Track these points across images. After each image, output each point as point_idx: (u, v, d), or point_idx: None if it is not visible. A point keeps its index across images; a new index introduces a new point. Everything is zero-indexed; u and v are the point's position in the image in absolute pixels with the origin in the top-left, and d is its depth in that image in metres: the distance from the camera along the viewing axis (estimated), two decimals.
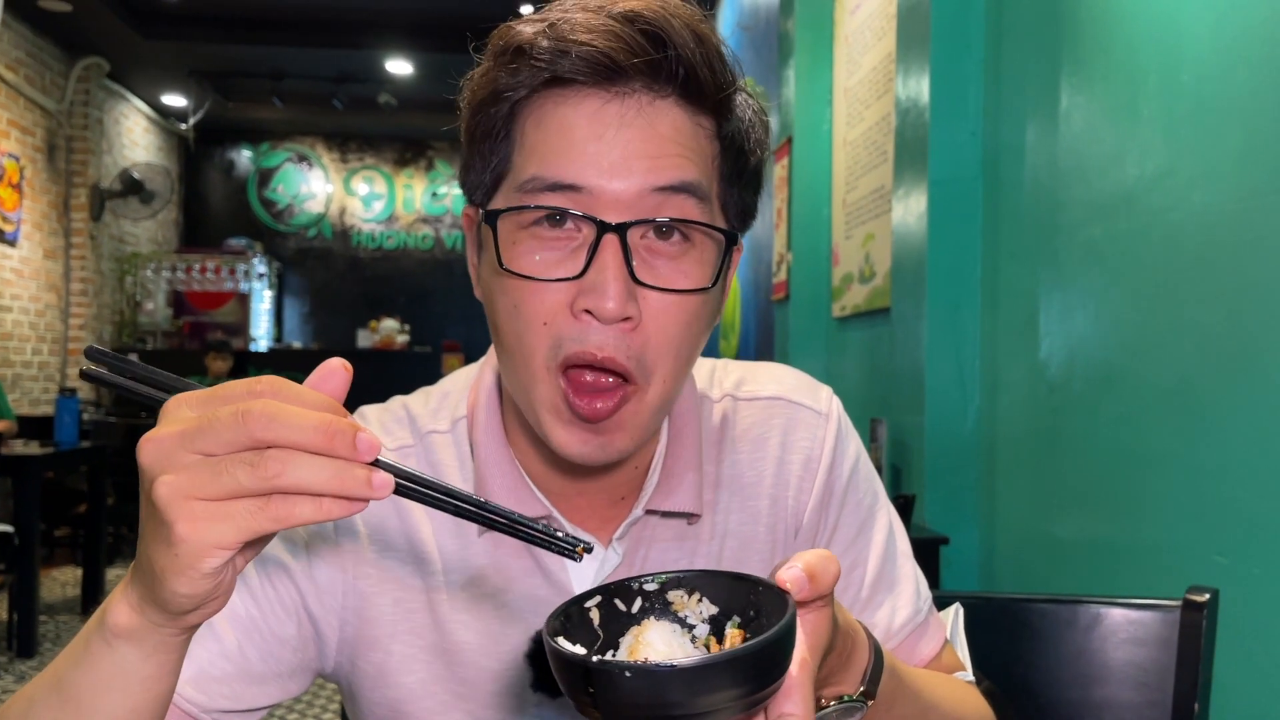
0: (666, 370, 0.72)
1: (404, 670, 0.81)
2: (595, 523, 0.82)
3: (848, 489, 0.87)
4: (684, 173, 0.70)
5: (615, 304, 0.67)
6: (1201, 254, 1.76)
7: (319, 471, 0.48)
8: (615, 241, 0.68)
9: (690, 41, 0.69)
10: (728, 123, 0.73)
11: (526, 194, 0.70)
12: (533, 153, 0.71)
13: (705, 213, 0.72)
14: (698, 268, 0.72)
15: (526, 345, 0.71)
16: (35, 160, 7.39)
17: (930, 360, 2.76)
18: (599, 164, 0.69)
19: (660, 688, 0.51)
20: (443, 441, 0.83)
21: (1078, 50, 2.23)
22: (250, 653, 0.78)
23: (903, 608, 0.87)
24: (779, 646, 0.53)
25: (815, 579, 0.58)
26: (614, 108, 0.69)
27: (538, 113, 0.71)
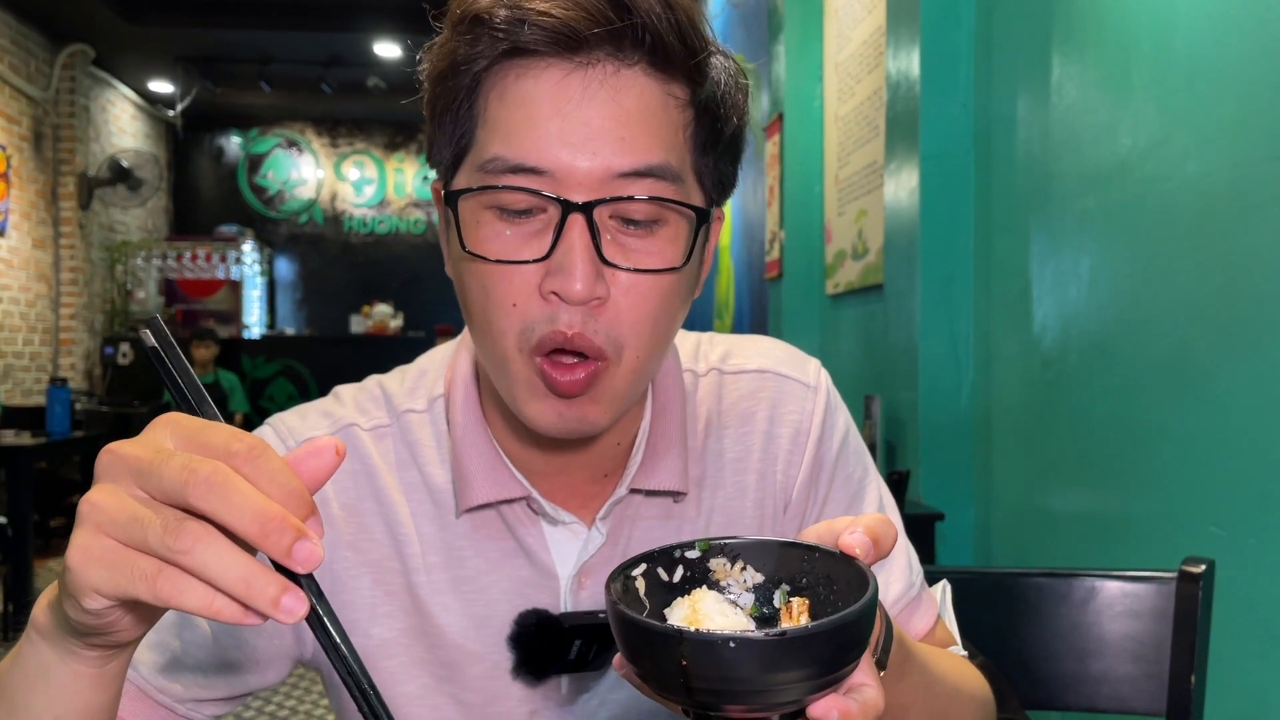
0: (640, 344, 0.70)
1: (384, 654, 0.80)
2: (577, 502, 0.81)
3: (837, 462, 0.86)
4: (650, 155, 0.67)
5: (582, 286, 0.65)
6: (1196, 224, 1.74)
7: (230, 567, 0.44)
8: (581, 221, 0.66)
9: (656, 6, 0.66)
10: (701, 89, 0.70)
11: (489, 174, 0.67)
12: (495, 129, 0.68)
13: (675, 191, 0.69)
14: (669, 246, 0.69)
15: (497, 327, 0.69)
16: (22, 149, 7.34)
17: (924, 336, 2.75)
18: (563, 143, 0.66)
19: (765, 658, 0.49)
20: (419, 420, 0.82)
21: (1069, 20, 2.20)
22: (225, 641, 0.77)
23: (895, 582, 0.86)
24: (870, 615, 0.52)
25: (879, 543, 0.57)
26: (577, 79, 0.66)
27: (499, 85, 0.68)
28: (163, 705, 0.75)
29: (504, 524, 0.79)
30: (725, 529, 0.83)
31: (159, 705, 0.75)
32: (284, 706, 3.73)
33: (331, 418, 0.82)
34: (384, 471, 0.80)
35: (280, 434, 0.80)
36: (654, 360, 0.72)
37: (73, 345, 7.92)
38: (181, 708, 0.76)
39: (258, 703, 3.73)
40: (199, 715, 0.77)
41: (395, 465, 0.81)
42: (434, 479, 0.80)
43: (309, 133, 10.80)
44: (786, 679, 0.50)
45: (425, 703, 0.80)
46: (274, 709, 3.70)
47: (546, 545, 0.79)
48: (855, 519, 0.58)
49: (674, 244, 0.70)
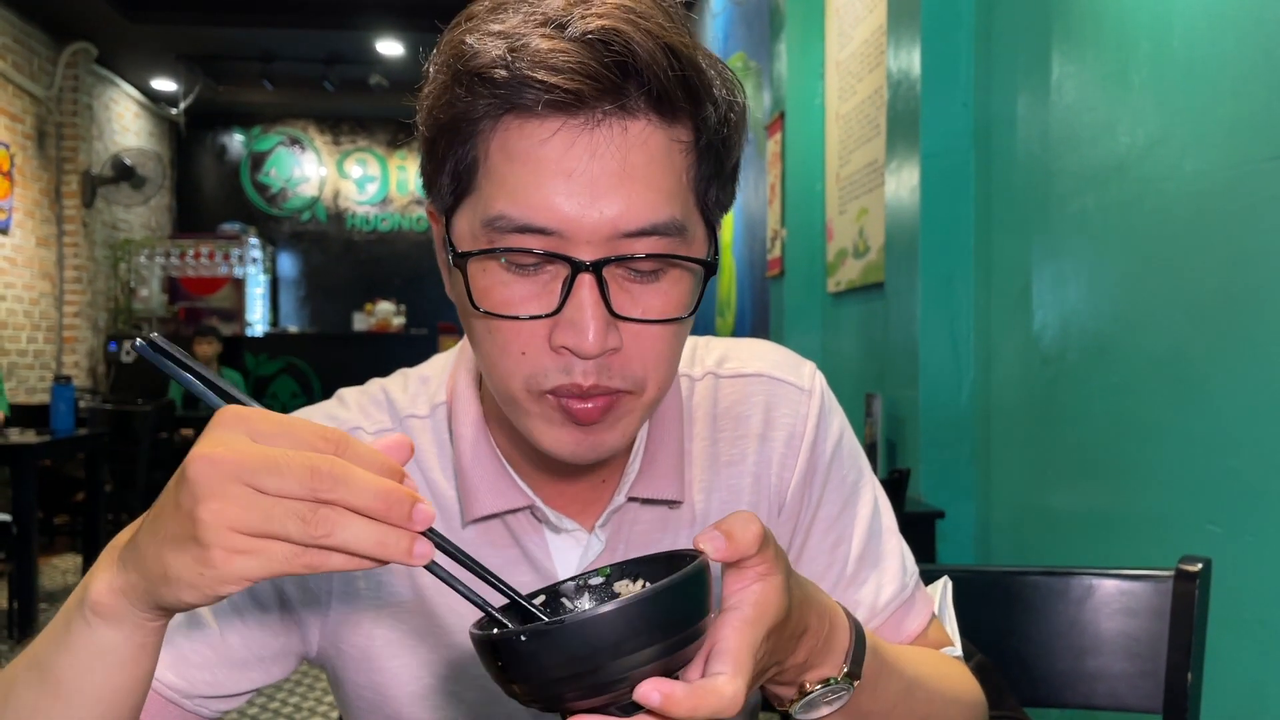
0: (659, 379, 0.71)
1: (387, 654, 0.81)
2: (577, 508, 0.81)
3: (831, 465, 0.86)
4: (655, 213, 0.66)
5: (595, 342, 0.66)
6: (1194, 222, 1.75)
7: (366, 536, 0.50)
8: (590, 279, 0.66)
9: (661, 59, 0.64)
10: (705, 129, 0.69)
11: (495, 232, 0.67)
12: (500, 184, 0.67)
13: (680, 244, 0.68)
14: (675, 289, 0.69)
15: (503, 370, 0.69)
16: (25, 148, 7.35)
17: (924, 334, 2.75)
18: (569, 203, 0.65)
19: (559, 646, 0.50)
20: (421, 426, 0.82)
21: (1069, 19, 2.21)
22: (231, 638, 0.78)
23: (888, 584, 0.86)
24: (677, 591, 0.53)
25: (733, 538, 0.58)
26: (585, 140, 0.65)
27: (502, 137, 0.67)
28: (171, 701, 0.76)
29: (508, 532, 0.80)
30: None
31: (167, 701, 0.76)
32: (287, 704, 3.75)
33: (336, 420, 0.83)
34: None
35: None
36: (668, 388, 0.74)
37: (76, 343, 7.93)
38: (189, 703, 0.77)
39: (261, 699, 3.75)
40: (206, 711, 0.78)
41: None
42: (437, 485, 0.81)
43: (311, 130, 10.81)
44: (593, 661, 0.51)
45: (428, 703, 0.81)
46: (278, 705, 3.71)
47: (549, 553, 0.80)
48: (724, 519, 0.60)
49: (680, 287, 0.70)
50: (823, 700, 0.68)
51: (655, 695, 0.52)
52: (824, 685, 0.67)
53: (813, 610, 0.65)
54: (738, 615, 0.58)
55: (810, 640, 0.65)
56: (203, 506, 0.50)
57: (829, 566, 0.86)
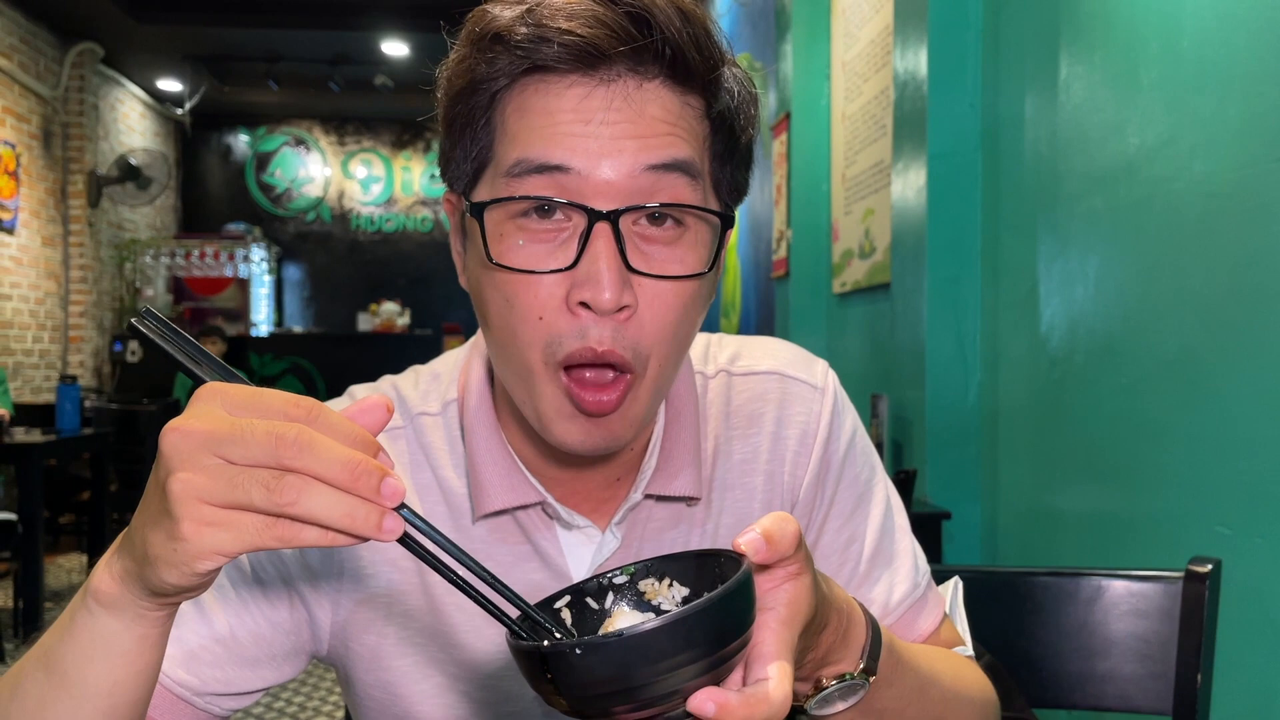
0: (662, 355, 0.70)
1: (398, 653, 0.80)
2: (590, 506, 0.81)
3: (844, 464, 0.86)
4: (676, 150, 0.68)
5: (611, 294, 0.65)
6: (1203, 223, 1.74)
7: (333, 506, 0.49)
8: (608, 230, 0.66)
9: (676, 20, 0.66)
10: (717, 101, 0.71)
11: (513, 179, 0.67)
12: (515, 139, 0.68)
13: (698, 193, 0.69)
14: (692, 252, 0.70)
15: (522, 340, 0.69)
16: (31, 147, 7.36)
17: (931, 335, 2.75)
18: (587, 146, 0.66)
19: (612, 659, 0.50)
20: (432, 424, 0.82)
21: (1077, 19, 2.20)
22: (242, 636, 0.78)
23: (900, 583, 0.86)
24: (730, 603, 0.52)
25: (772, 540, 0.57)
26: (599, 95, 0.67)
27: (519, 99, 0.68)
28: (181, 699, 0.76)
29: (519, 528, 0.80)
30: (734, 529, 0.83)
31: (178, 699, 0.76)
32: (292, 703, 3.75)
33: None
34: (398, 473, 0.80)
35: None
36: (674, 370, 0.73)
37: (82, 343, 7.94)
38: (200, 700, 0.76)
39: (267, 699, 3.75)
40: (216, 709, 0.78)
41: (409, 467, 0.81)
42: (448, 482, 0.81)
43: (316, 131, 10.82)
44: (646, 675, 0.50)
45: (439, 701, 0.80)
46: (282, 705, 3.72)
47: (561, 550, 0.80)
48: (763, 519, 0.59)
49: (697, 250, 0.70)
50: (839, 696, 0.68)
51: (710, 705, 0.52)
52: (840, 681, 0.67)
53: (832, 607, 0.65)
54: (774, 616, 0.58)
55: (829, 636, 0.65)
56: (173, 478, 0.49)
57: (841, 565, 0.86)
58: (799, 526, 0.59)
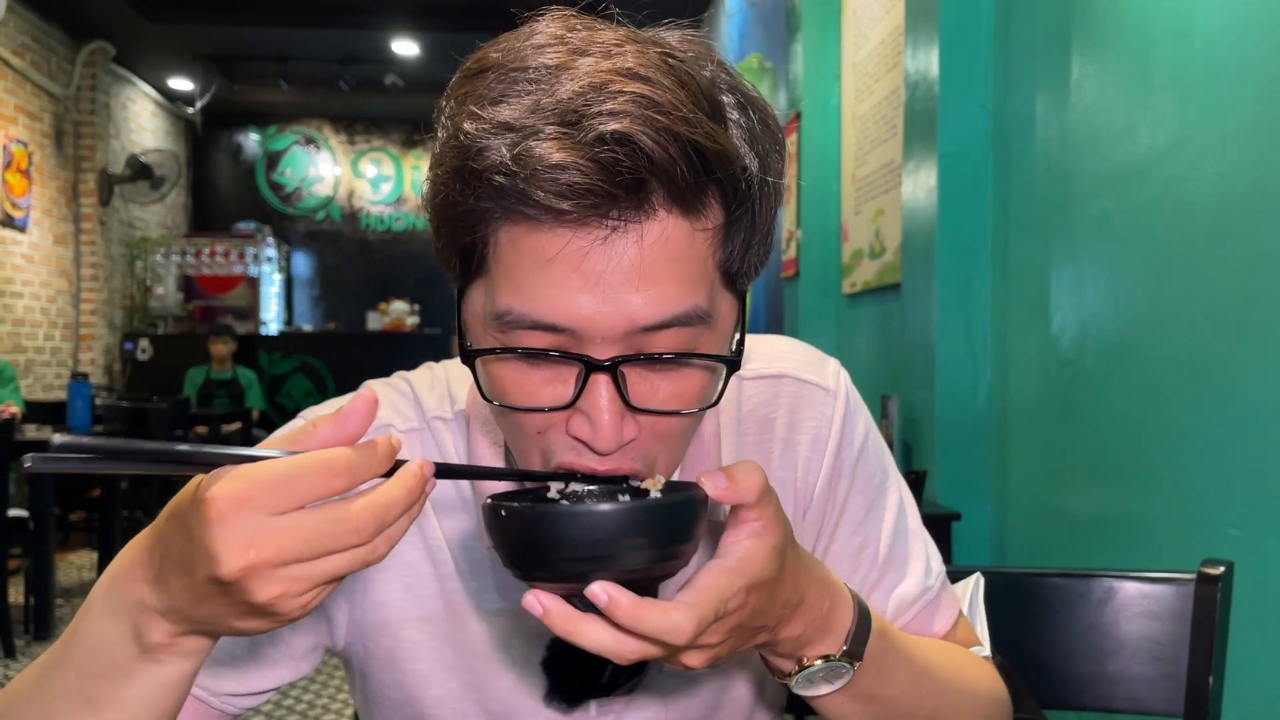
0: (672, 456, 0.69)
1: (414, 656, 0.81)
2: None
3: (856, 467, 0.85)
4: (674, 305, 0.62)
5: (610, 438, 0.62)
6: (1215, 225, 1.74)
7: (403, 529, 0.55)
8: (605, 377, 0.62)
9: (681, 161, 0.59)
10: (734, 211, 0.64)
11: (505, 325, 0.63)
12: (508, 277, 0.62)
13: (702, 335, 0.64)
14: (696, 383, 0.66)
15: (520, 446, 0.68)
16: (43, 146, 7.40)
17: (941, 335, 2.74)
18: (581, 298, 0.60)
19: (528, 529, 0.55)
20: (446, 429, 0.82)
21: (1088, 19, 2.20)
22: (259, 638, 0.78)
23: (913, 586, 0.86)
24: (655, 512, 0.55)
25: (734, 479, 0.59)
26: (599, 250, 0.60)
27: (510, 230, 0.62)
28: (197, 698, 0.76)
29: None
30: None
31: (194, 699, 0.76)
32: (301, 700, 3.76)
33: None
34: None
35: None
36: (678, 465, 0.72)
37: (93, 341, 7.98)
38: (215, 700, 0.77)
39: (276, 696, 3.76)
40: (232, 708, 0.78)
41: None
42: (463, 488, 0.81)
43: (326, 130, 10.84)
44: (561, 552, 0.54)
45: (450, 707, 0.81)
46: (291, 702, 3.73)
47: None
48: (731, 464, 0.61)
49: (702, 386, 0.66)
50: (821, 677, 0.68)
51: (603, 595, 0.54)
52: (823, 661, 0.67)
53: (812, 584, 0.65)
54: (718, 561, 0.60)
55: (807, 614, 0.65)
56: (261, 599, 0.52)
57: (854, 570, 0.85)
58: (764, 480, 0.60)
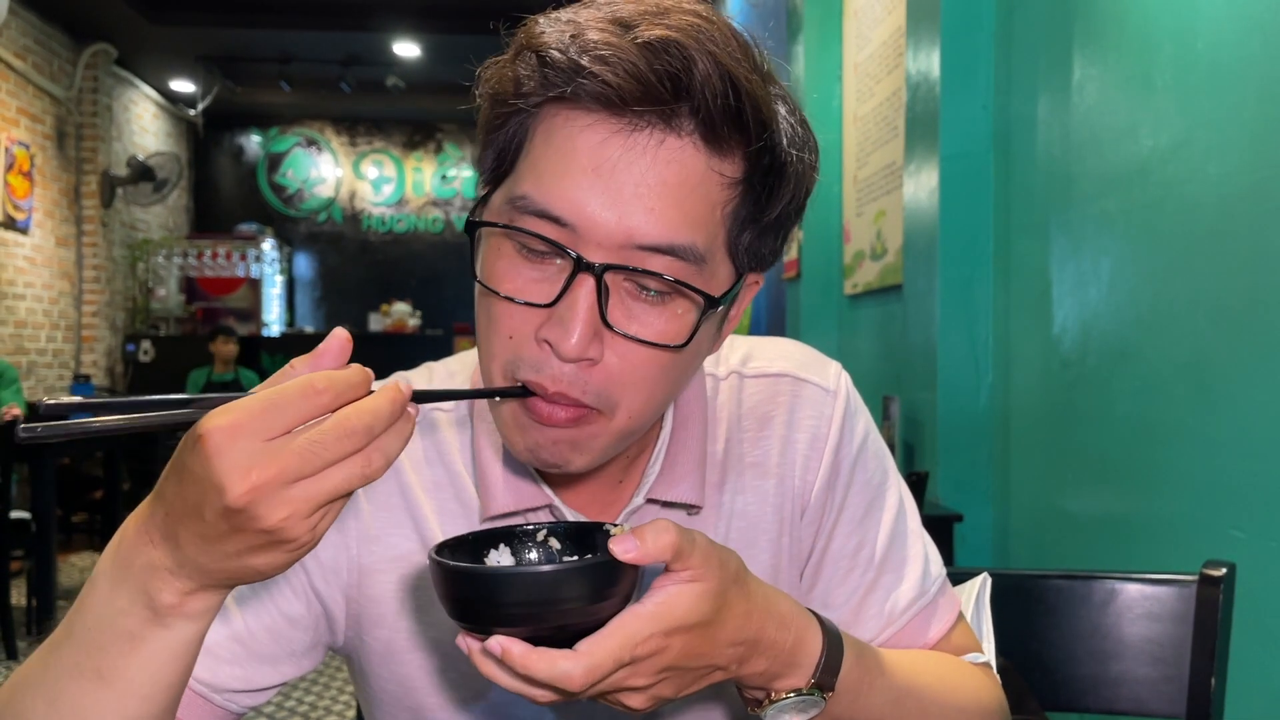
0: (634, 407, 0.70)
1: (412, 648, 0.81)
2: (596, 509, 0.81)
3: (855, 468, 0.85)
4: (675, 233, 0.65)
5: (576, 344, 0.65)
6: (1217, 226, 1.74)
7: (403, 437, 0.55)
8: (591, 282, 0.65)
9: (717, 87, 0.63)
10: (754, 170, 0.68)
11: (516, 211, 0.67)
12: (533, 167, 0.68)
13: (693, 272, 0.67)
14: (673, 322, 0.68)
15: (488, 351, 0.70)
16: (45, 148, 7.41)
17: (943, 337, 2.74)
18: (591, 200, 0.65)
19: (452, 584, 0.59)
20: (445, 420, 0.83)
21: (1090, 20, 2.20)
22: (259, 634, 0.78)
23: (909, 589, 0.85)
24: (545, 578, 0.58)
25: (642, 537, 0.59)
26: (619, 140, 0.65)
27: (548, 123, 0.67)
28: (201, 696, 0.76)
29: None
30: (745, 533, 0.83)
31: (197, 696, 0.76)
32: (304, 701, 3.76)
33: None
34: (409, 469, 0.81)
35: None
36: (647, 420, 0.72)
37: (95, 342, 7.98)
38: (218, 697, 0.77)
39: (278, 698, 3.76)
40: (234, 705, 0.78)
41: (423, 462, 0.82)
42: (460, 479, 0.81)
43: (328, 131, 10.85)
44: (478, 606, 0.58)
45: (450, 696, 0.81)
46: (293, 704, 3.73)
47: None
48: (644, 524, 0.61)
49: (681, 320, 0.68)
50: (793, 708, 0.68)
51: (496, 648, 0.58)
52: (793, 695, 0.68)
53: (770, 620, 0.65)
54: (633, 608, 0.60)
55: (768, 650, 0.66)
56: (271, 522, 0.52)
57: (850, 570, 0.85)
58: (677, 538, 0.60)
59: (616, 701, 0.62)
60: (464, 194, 10.88)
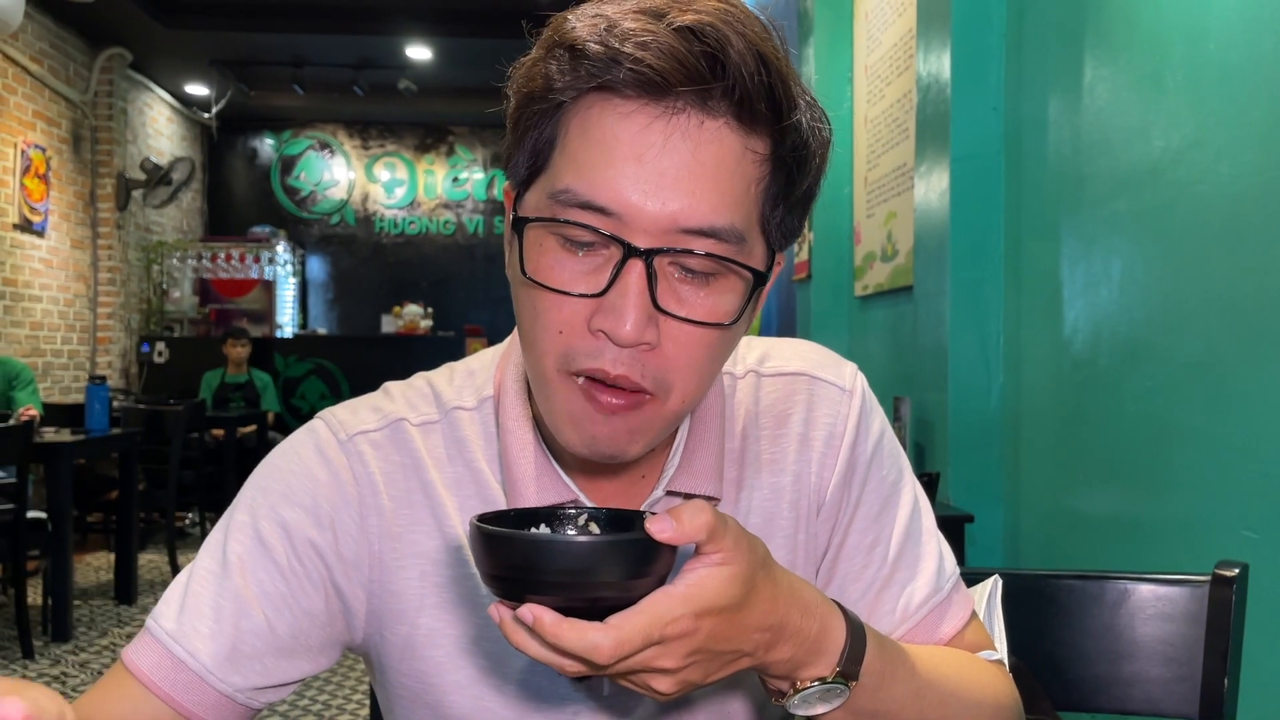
0: (688, 388, 0.71)
1: (431, 644, 0.82)
2: (619, 502, 0.82)
3: (871, 466, 0.86)
4: (716, 216, 0.68)
5: (632, 330, 0.67)
6: (1229, 227, 1.74)
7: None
8: (640, 266, 0.67)
9: (751, 65, 0.66)
10: (782, 146, 0.71)
11: (559, 205, 0.69)
12: (572, 160, 0.69)
13: (736, 251, 0.70)
14: (723, 299, 0.70)
15: (539, 349, 0.71)
16: (61, 151, 7.46)
17: (953, 338, 2.74)
18: (634, 188, 0.67)
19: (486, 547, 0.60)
20: (468, 418, 0.83)
21: (1101, 21, 2.20)
22: (280, 629, 0.79)
23: (923, 586, 0.86)
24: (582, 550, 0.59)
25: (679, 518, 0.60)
26: (660, 126, 0.67)
27: (583, 116, 0.69)
28: (223, 694, 0.77)
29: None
30: (762, 529, 0.84)
31: (220, 694, 0.77)
32: (317, 700, 3.78)
33: (381, 412, 0.84)
34: (431, 466, 0.82)
35: (331, 427, 0.83)
36: (696, 402, 0.74)
37: (110, 344, 8.03)
38: (240, 696, 0.78)
39: (292, 697, 3.78)
40: (255, 703, 0.79)
41: (444, 459, 0.82)
42: (483, 475, 0.82)
43: (341, 134, 10.89)
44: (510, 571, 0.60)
45: (468, 692, 0.82)
46: (307, 703, 3.75)
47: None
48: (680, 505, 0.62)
49: (728, 298, 0.70)
50: (817, 698, 0.69)
51: (528, 615, 0.59)
52: (818, 684, 0.68)
53: (795, 607, 0.66)
54: (665, 588, 0.61)
55: (793, 637, 0.66)
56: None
57: (865, 566, 0.86)
58: (713, 519, 0.61)
59: (645, 684, 0.63)
60: (475, 196, 10.91)
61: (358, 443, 0.82)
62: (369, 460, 0.81)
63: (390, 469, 0.82)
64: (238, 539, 0.80)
